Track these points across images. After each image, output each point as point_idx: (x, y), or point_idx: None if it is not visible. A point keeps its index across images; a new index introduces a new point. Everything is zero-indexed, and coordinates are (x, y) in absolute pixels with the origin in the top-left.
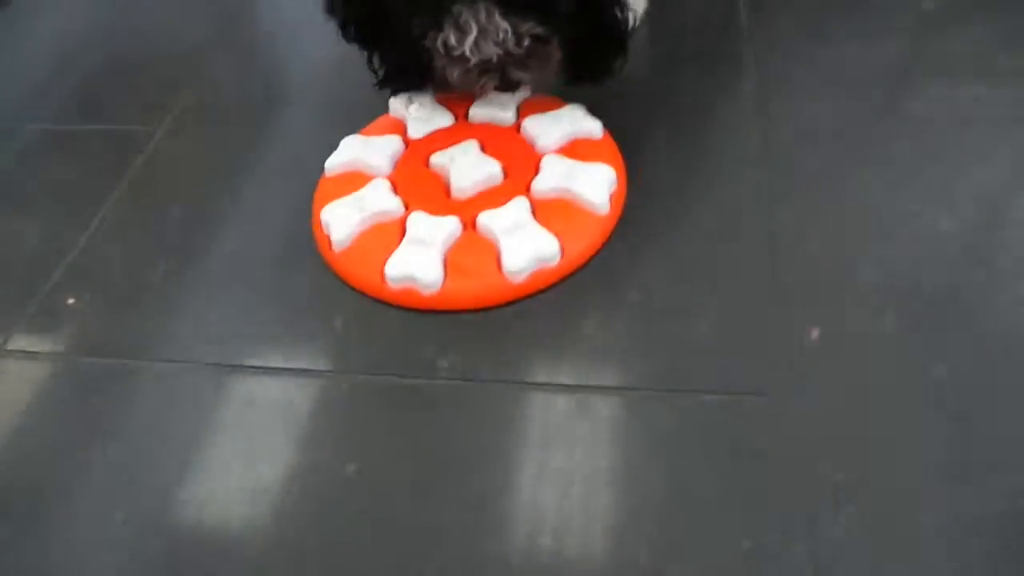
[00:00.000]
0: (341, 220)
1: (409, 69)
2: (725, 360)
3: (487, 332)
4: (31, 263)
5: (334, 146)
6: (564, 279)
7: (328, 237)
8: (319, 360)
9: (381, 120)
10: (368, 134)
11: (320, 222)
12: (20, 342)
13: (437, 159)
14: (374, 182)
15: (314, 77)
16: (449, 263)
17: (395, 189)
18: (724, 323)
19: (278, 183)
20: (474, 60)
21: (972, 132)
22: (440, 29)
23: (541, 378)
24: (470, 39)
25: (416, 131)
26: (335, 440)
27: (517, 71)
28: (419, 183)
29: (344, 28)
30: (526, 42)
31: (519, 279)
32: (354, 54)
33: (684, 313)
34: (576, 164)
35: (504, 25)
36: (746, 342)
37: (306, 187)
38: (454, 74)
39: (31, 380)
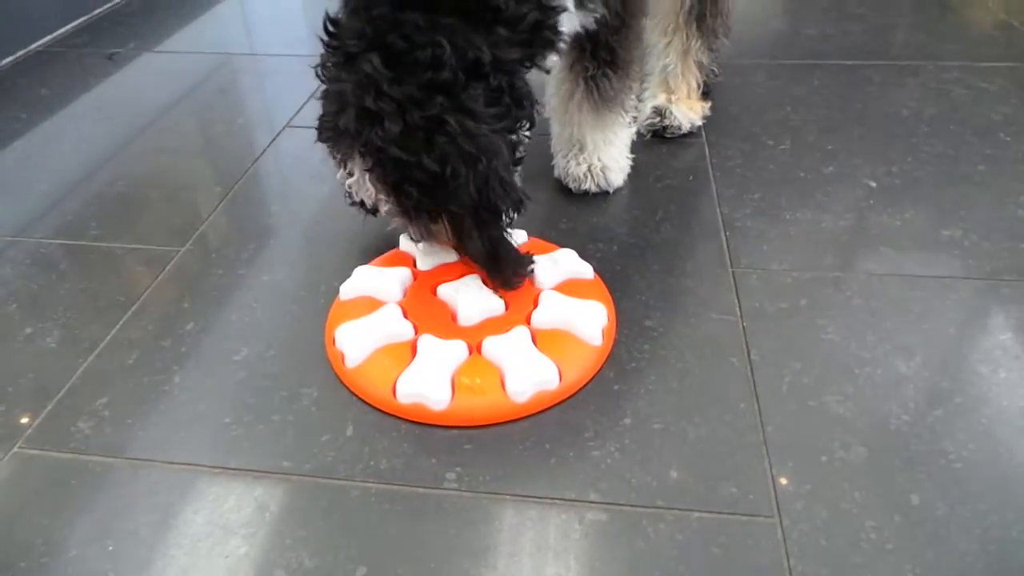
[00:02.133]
0: (356, 339)
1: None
2: (709, 482)
3: (490, 447)
4: (51, 366)
5: (342, 271)
6: (562, 402)
7: (342, 354)
8: (330, 467)
9: (392, 254)
10: (380, 265)
11: (334, 340)
12: (35, 440)
13: (444, 289)
14: (386, 307)
15: (324, 210)
16: (456, 382)
17: (406, 314)
18: (708, 448)
19: (291, 305)
20: (357, 200)
21: (920, 290)
22: (337, 164)
23: (539, 492)
24: (351, 180)
25: (424, 264)
26: (346, 544)
27: (414, 233)
28: (428, 310)
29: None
30: (386, 207)
31: (521, 399)
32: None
33: (671, 438)
34: (572, 300)
35: (368, 186)
36: (729, 465)
37: (317, 309)
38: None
39: (40, 476)
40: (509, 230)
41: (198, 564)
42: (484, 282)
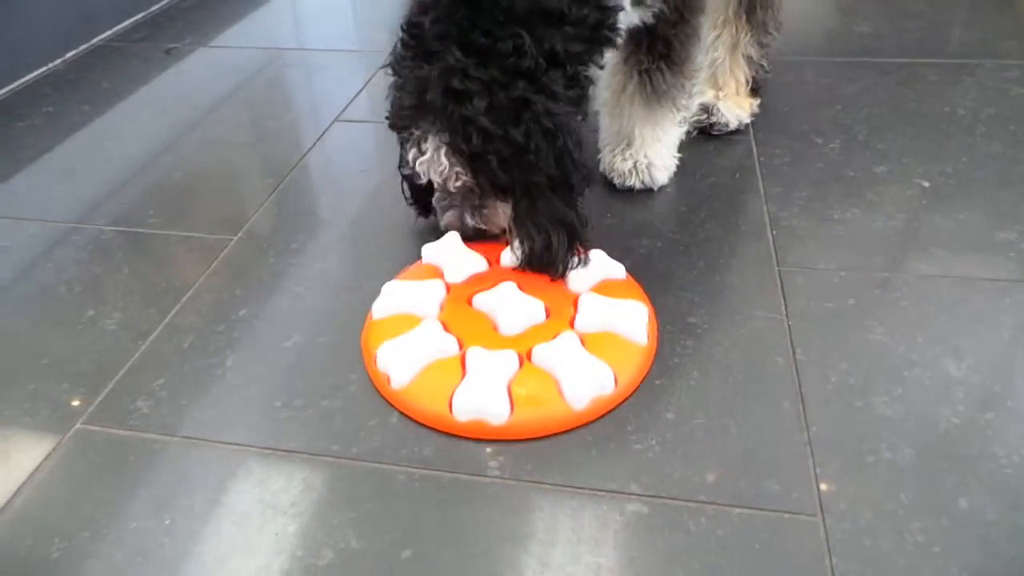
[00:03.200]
0: (400, 359)
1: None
2: (751, 479)
3: (535, 438)
4: (111, 347)
5: (390, 261)
6: (618, 406)
7: (387, 375)
8: (376, 452)
9: (415, 267)
10: (407, 279)
11: (375, 360)
12: (96, 417)
13: (481, 299)
14: (426, 322)
15: (371, 202)
16: (513, 395)
17: (446, 328)
18: (751, 445)
19: (340, 293)
20: (424, 178)
21: (973, 292)
22: (409, 143)
23: (580, 482)
24: (423, 160)
25: (454, 275)
26: (391, 527)
27: (470, 218)
28: (468, 322)
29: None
30: (457, 183)
31: (580, 406)
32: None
33: (713, 433)
34: (612, 301)
35: (445, 161)
36: (771, 463)
37: (365, 298)
38: (445, 221)
39: (101, 452)
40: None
41: (249, 540)
42: (520, 286)
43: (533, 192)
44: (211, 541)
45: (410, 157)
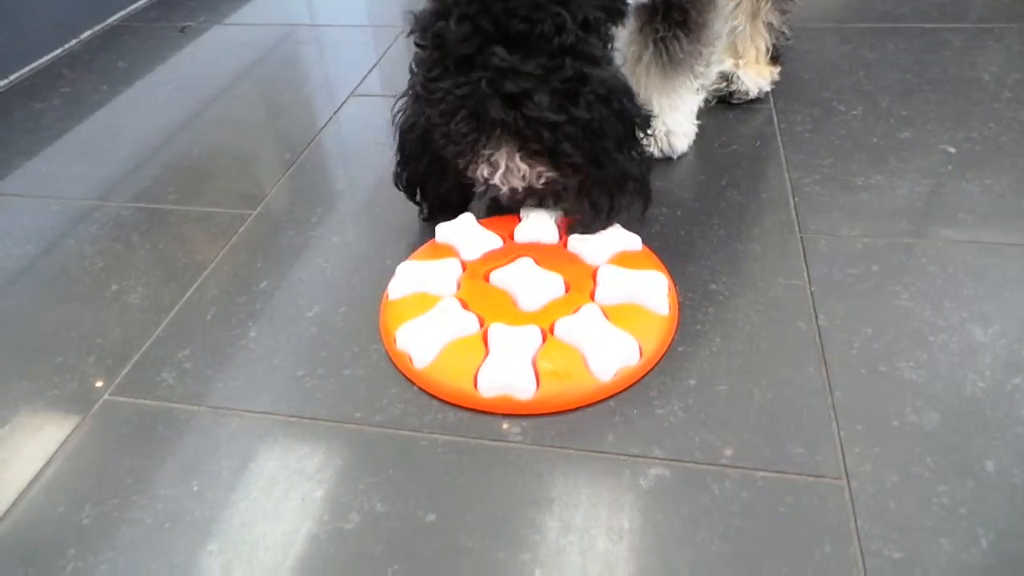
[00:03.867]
0: (421, 338)
1: (450, 202)
2: (775, 443)
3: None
4: (136, 320)
5: (408, 233)
6: (644, 377)
7: (408, 355)
8: (399, 419)
9: (429, 246)
10: (421, 259)
11: (395, 341)
12: (123, 388)
13: (499, 276)
14: (445, 300)
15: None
16: (538, 369)
17: (465, 306)
18: (774, 410)
19: (359, 264)
20: (504, 189)
21: (1000, 257)
22: (476, 163)
23: (603, 447)
24: (499, 173)
25: (470, 253)
26: (415, 491)
27: (550, 199)
28: (487, 299)
29: (398, 176)
30: (542, 180)
31: (607, 378)
32: None
33: (736, 399)
34: (631, 272)
35: (522, 166)
36: (795, 427)
37: (384, 269)
38: (497, 197)
39: (128, 422)
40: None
41: (276, 505)
42: (537, 260)
43: (603, 158)
44: (239, 506)
45: (483, 175)
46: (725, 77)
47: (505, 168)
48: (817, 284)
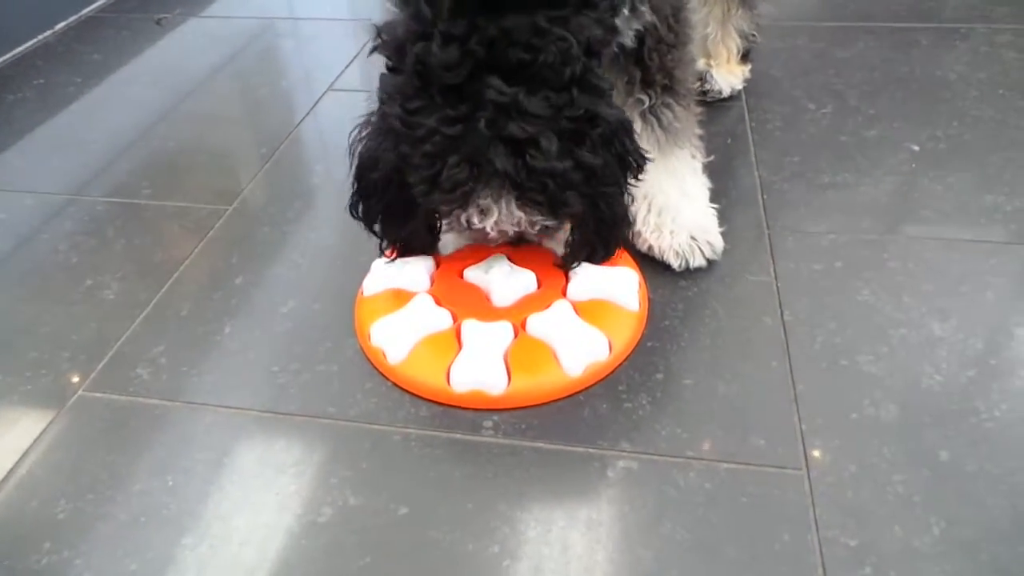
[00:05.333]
0: (394, 334)
1: (416, 240)
2: (739, 435)
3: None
4: (110, 316)
5: None
6: (614, 371)
7: (381, 350)
8: (373, 413)
9: None
10: (396, 255)
11: (369, 338)
12: (97, 384)
13: (473, 272)
14: (418, 297)
15: None
16: (510, 364)
17: (438, 302)
18: (738, 403)
19: (335, 260)
20: (493, 234)
21: (960, 254)
22: (464, 210)
23: (573, 440)
24: (491, 220)
25: (443, 249)
26: (388, 485)
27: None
28: (460, 295)
29: (354, 207)
30: (537, 228)
31: (576, 373)
32: None
33: (702, 393)
34: (603, 269)
35: (518, 213)
36: (758, 420)
37: (360, 265)
38: (470, 237)
39: (102, 417)
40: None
41: (250, 499)
42: (511, 257)
43: (601, 203)
44: (213, 501)
45: (472, 222)
46: (698, 76)
47: (498, 216)
48: (783, 280)
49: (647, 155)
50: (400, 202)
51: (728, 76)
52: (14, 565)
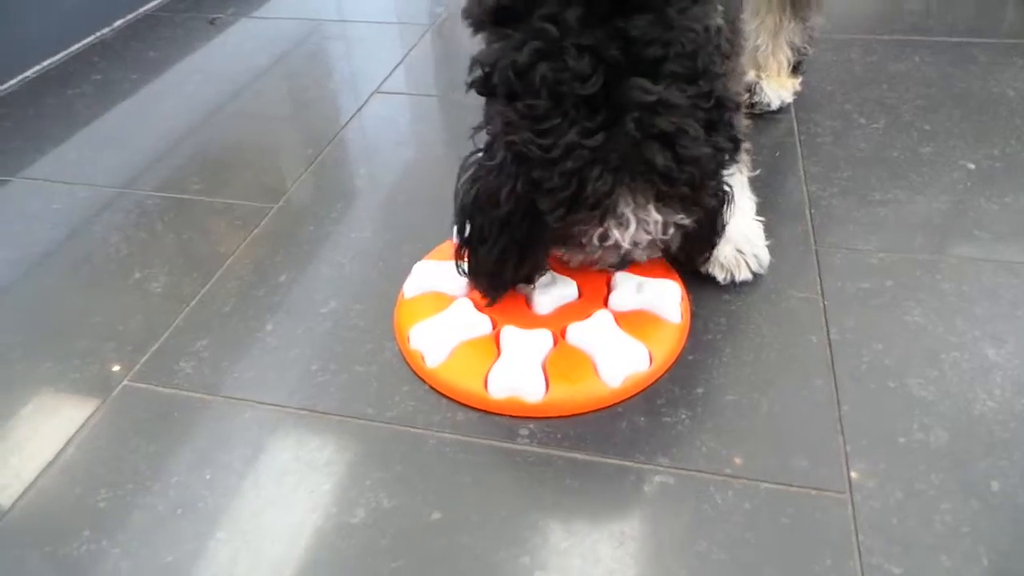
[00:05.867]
0: (434, 337)
1: (517, 282)
2: (780, 454)
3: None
4: (156, 309)
5: (426, 232)
6: (654, 384)
7: (420, 353)
8: (410, 416)
9: (446, 245)
10: (437, 258)
11: (408, 340)
12: (141, 375)
13: None
14: (458, 301)
15: (408, 173)
16: (548, 373)
17: (478, 307)
18: (780, 422)
19: (376, 262)
20: (625, 248)
21: (1016, 276)
22: (601, 225)
23: (609, 453)
24: (630, 232)
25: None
26: (422, 488)
27: (642, 253)
28: (501, 301)
29: (464, 256)
30: (671, 231)
31: (615, 384)
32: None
33: (743, 409)
34: (645, 280)
35: (657, 217)
36: (801, 440)
37: (401, 267)
38: (580, 259)
39: (145, 408)
40: None
41: (285, 496)
42: (551, 264)
43: (720, 193)
44: (249, 496)
45: (609, 236)
46: (748, 88)
47: (636, 224)
48: (830, 298)
49: (742, 136)
50: (519, 241)
51: (778, 89)
52: (54, 551)
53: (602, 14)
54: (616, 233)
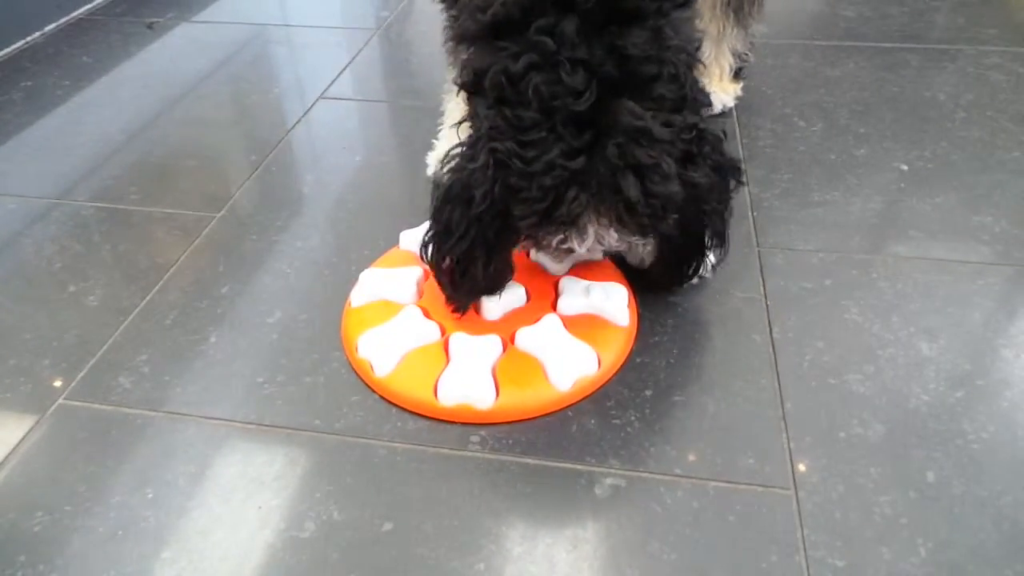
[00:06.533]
0: (382, 346)
1: (488, 285)
2: (727, 453)
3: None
4: (93, 323)
5: (374, 239)
6: (603, 387)
7: (369, 362)
8: (359, 427)
9: (392, 253)
10: (384, 266)
11: (356, 349)
12: (78, 392)
13: None
14: (406, 309)
15: (355, 179)
16: (498, 378)
17: (427, 314)
18: (727, 421)
19: (323, 270)
20: (583, 253)
21: (948, 274)
22: (563, 233)
23: (560, 457)
24: (587, 243)
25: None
26: (373, 500)
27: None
28: (449, 307)
29: (425, 247)
30: (624, 246)
31: (565, 388)
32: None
33: (690, 410)
34: (592, 284)
35: (615, 235)
36: (747, 438)
37: (349, 276)
38: (544, 254)
39: (83, 427)
40: None
41: (233, 513)
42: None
43: (695, 222)
44: (194, 514)
45: (571, 245)
46: None
47: (594, 239)
48: (773, 297)
49: (740, 165)
50: (487, 240)
51: (720, 94)
52: None
53: (598, 24)
54: (575, 243)
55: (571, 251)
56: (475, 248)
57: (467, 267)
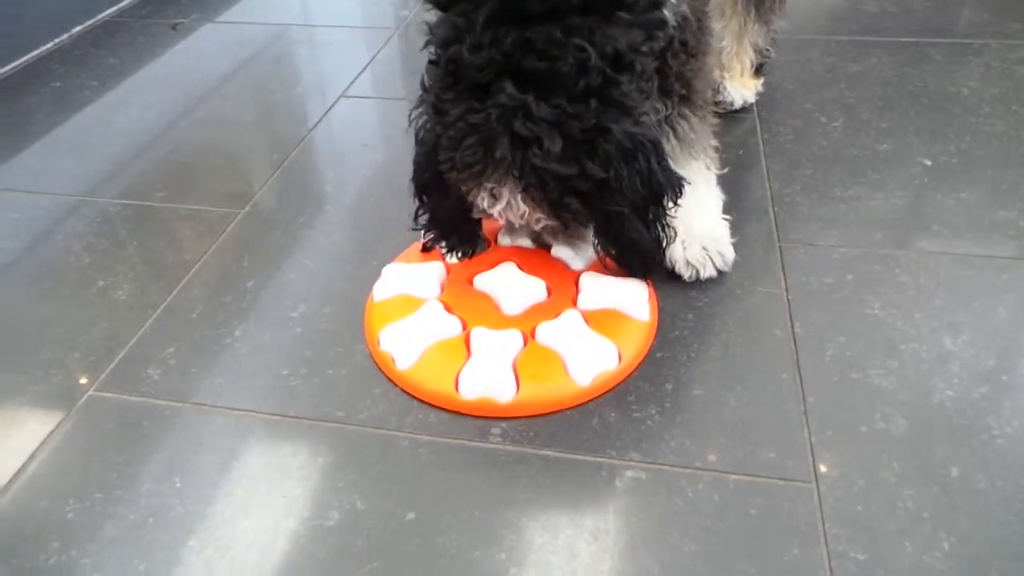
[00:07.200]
0: (404, 340)
1: (453, 227)
2: (748, 447)
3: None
4: (122, 317)
5: (394, 235)
6: (623, 381)
7: (391, 356)
8: (381, 418)
9: (414, 248)
10: (407, 261)
11: (379, 343)
12: (107, 384)
13: (482, 279)
14: (428, 303)
15: (376, 177)
16: (519, 373)
17: (448, 309)
18: (748, 415)
19: (345, 265)
20: (502, 222)
21: (971, 269)
22: (477, 192)
23: (581, 449)
24: (499, 206)
25: (454, 256)
26: (396, 490)
27: (549, 237)
28: (470, 302)
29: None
30: (541, 224)
31: (585, 383)
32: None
33: (711, 404)
34: (612, 279)
35: (524, 208)
36: (768, 432)
37: (370, 271)
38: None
39: (112, 418)
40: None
41: (258, 502)
42: (520, 265)
43: (615, 222)
44: (221, 503)
45: (483, 205)
46: (713, 87)
47: (506, 203)
48: (794, 292)
49: (685, 181)
50: (438, 179)
51: (741, 89)
52: (23, 564)
53: (502, 19)
54: (487, 204)
55: (491, 216)
56: (432, 186)
57: (430, 202)
